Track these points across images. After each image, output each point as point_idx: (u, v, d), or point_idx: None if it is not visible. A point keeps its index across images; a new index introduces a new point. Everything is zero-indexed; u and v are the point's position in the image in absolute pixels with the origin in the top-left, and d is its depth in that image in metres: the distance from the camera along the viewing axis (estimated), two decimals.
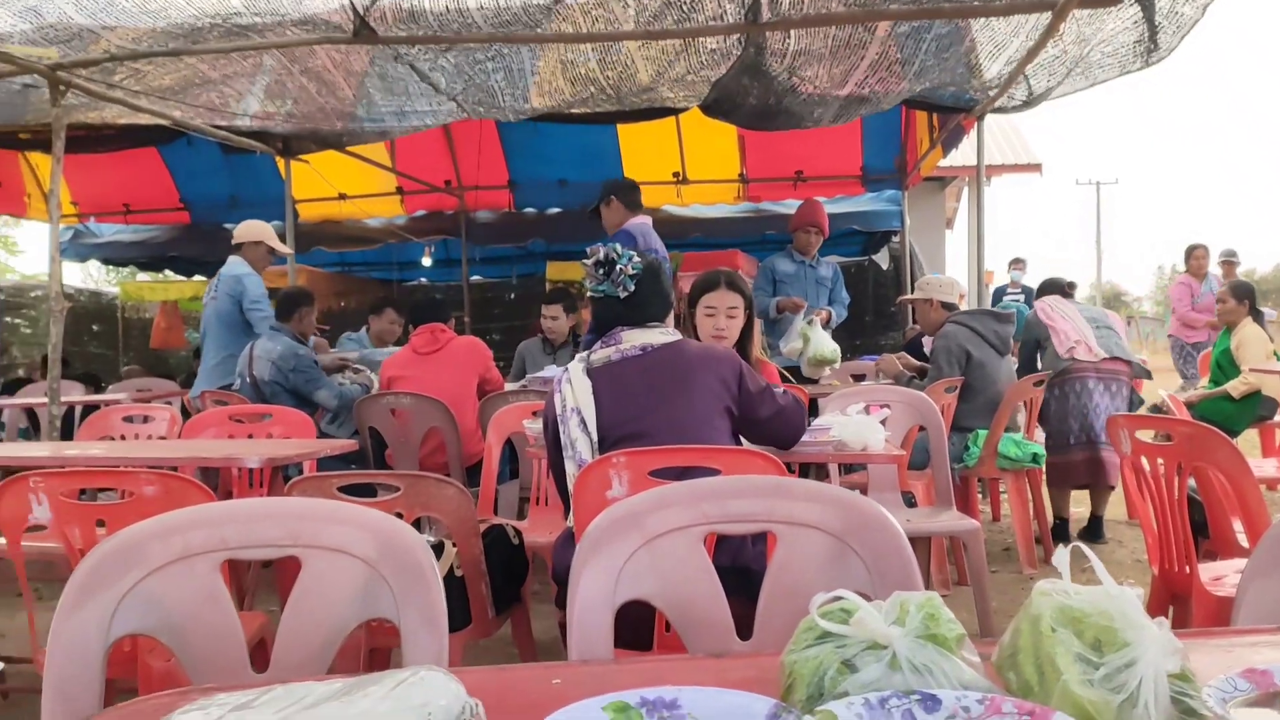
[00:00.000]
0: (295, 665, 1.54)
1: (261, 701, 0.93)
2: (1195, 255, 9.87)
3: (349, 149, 7.82)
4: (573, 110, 6.10)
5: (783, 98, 5.71)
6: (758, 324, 3.63)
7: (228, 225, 10.62)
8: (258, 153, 7.49)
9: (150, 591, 1.47)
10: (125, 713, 1.14)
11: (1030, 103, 5.84)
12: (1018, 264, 12.39)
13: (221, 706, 0.93)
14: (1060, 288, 6.27)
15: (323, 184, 9.57)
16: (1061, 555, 0.92)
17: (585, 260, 2.77)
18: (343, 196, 10.09)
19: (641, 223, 5.41)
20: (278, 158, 7.82)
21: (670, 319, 2.91)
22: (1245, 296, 6.73)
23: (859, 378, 6.77)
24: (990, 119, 6.42)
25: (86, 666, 1.40)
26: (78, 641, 1.40)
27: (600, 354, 2.74)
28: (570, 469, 2.65)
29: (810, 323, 6.02)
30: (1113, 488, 5.53)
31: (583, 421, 2.66)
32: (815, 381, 5.90)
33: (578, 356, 2.83)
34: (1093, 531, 5.77)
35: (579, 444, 2.64)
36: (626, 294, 2.73)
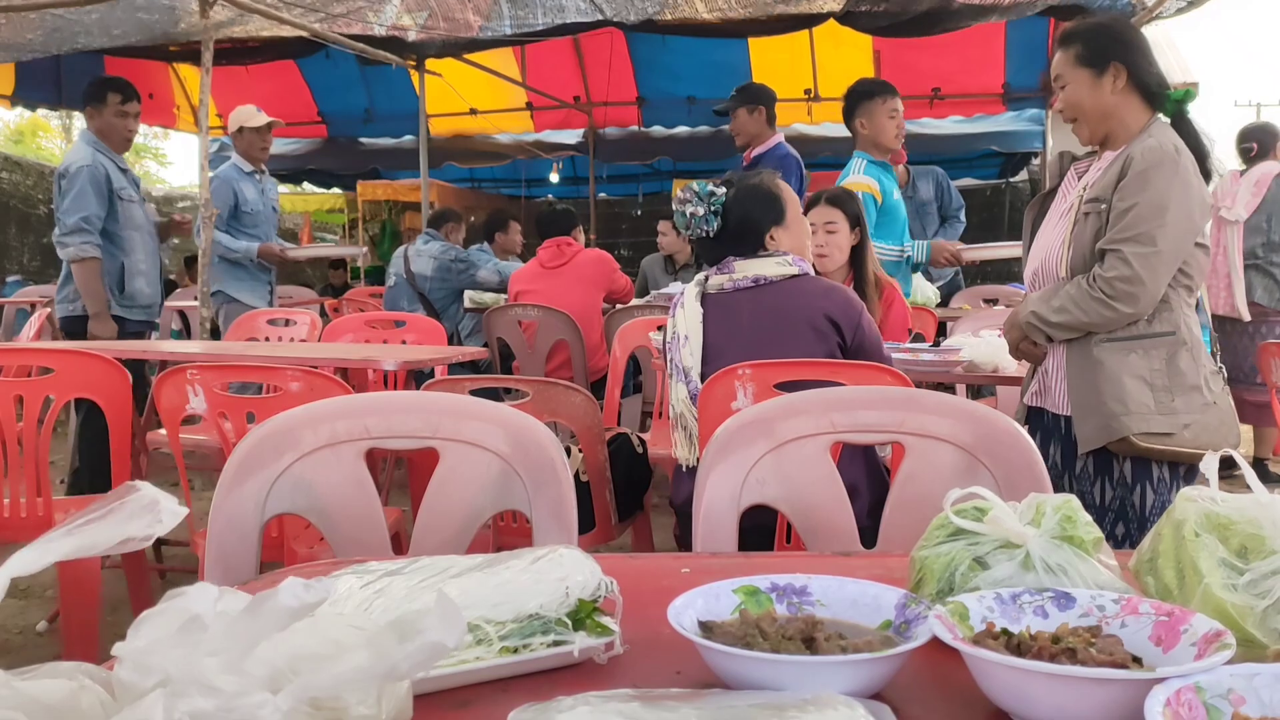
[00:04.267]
0: (433, 550, 1.61)
1: (411, 569, 0.99)
2: None
3: (481, 61, 7.88)
4: (707, 17, 5.98)
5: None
6: (872, 245, 3.57)
7: (363, 139, 10.96)
8: (393, 65, 7.61)
9: (301, 474, 1.56)
10: (284, 577, 1.22)
11: (1195, 2, 5.44)
12: None
13: (373, 572, 0.99)
14: None
15: (455, 98, 9.68)
16: (1209, 461, 0.90)
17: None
18: (474, 112, 10.20)
19: (785, 142, 5.31)
20: (412, 71, 7.92)
21: (795, 235, 2.65)
22: None
23: (991, 301, 6.58)
24: (1144, 33, 6.03)
25: (244, 539, 1.50)
26: (237, 515, 1.49)
27: (715, 280, 2.61)
28: (681, 393, 2.60)
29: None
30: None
31: (691, 349, 2.58)
32: (945, 304, 5.75)
33: (695, 279, 2.70)
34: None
35: (692, 372, 2.57)
36: (716, 230, 2.55)
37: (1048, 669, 0.73)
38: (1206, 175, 2.43)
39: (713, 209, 2.53)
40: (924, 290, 5.58)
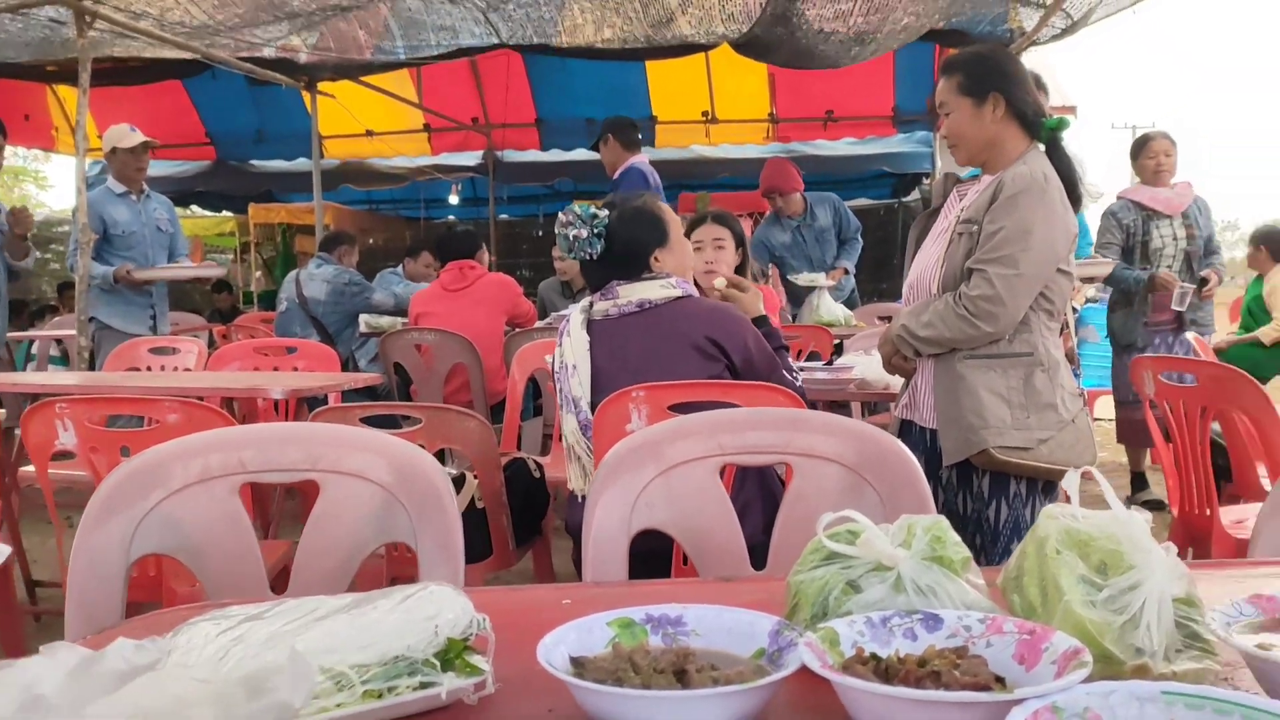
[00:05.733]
0: (314, 586, 1.55)
1: (273, 613, 0.95)
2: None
3: (375, 82, 7.77)
4: (599, 45, 6.04)
5: (815, 36, 5.63)
6: (752, 261, 3.72)
7: (254, 161, 10.71)
8: (283, 85, 7.46)
9: (170, 513, 1.49)
10: (142, 624, 1.16)
11: (1070, 29, 5.64)
12: None
13: (232, 618, 0.95)
14: None
15: (350, 121, 9.54)
16: (1071, 479, 0.92)
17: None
18: (370, 134, 10.07)
19: (644, 161, 5.47)
20: (304, 92, 7.77)
21: (678, 256, 2.65)
22: (1265, 242, 6.77)
23: (885, 319, 6.70)
24: (1025, 59, 6.26)
25: (107, 582, 1.43)
26: (99, 557, 1.42)
27: (600, 306, 2.58)
28: (571, 424, 2.55)
29: (819, 291, 5.80)
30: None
31: (580, 379, 2.53)
32: None
33: (579, 305, 2.66)
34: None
35: (581, 402, 2.53)
36: (599, 253, 2.53)
37: (910, 695, 0.73)
38: (1076, 201, 2.51)
39: (595, 232, 2.51)
40: (832, 310, 5.67)
